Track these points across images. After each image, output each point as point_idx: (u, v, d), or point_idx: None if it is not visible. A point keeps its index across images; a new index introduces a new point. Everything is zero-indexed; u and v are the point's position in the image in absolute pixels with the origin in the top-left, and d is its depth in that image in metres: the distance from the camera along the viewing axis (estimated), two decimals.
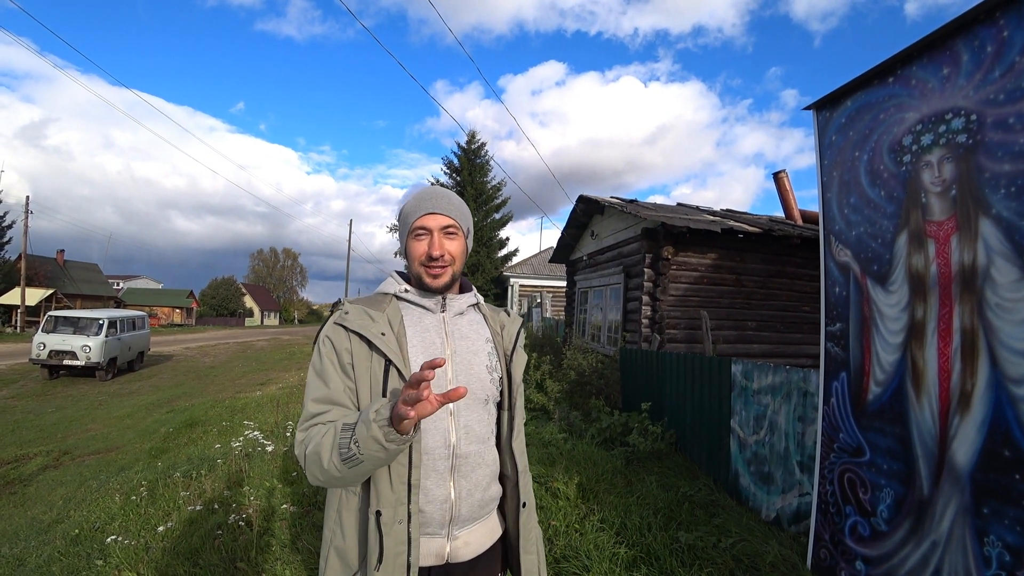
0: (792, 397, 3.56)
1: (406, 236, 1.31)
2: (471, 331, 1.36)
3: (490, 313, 1.45)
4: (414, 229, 1.29)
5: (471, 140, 28.93)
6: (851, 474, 2.69)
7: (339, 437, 1.07)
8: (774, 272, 8.65)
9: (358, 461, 1.05)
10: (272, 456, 4.78)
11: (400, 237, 1.35)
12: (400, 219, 1.35)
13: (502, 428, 1.38)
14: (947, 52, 2.30)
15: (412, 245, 1.30)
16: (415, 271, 1.31)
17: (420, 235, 1.29)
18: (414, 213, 1.30)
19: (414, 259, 1.30)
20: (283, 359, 20.11)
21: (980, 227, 2.13)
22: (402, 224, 1.33)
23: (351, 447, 1.05)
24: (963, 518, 2.13)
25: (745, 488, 3.99)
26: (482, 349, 1.35)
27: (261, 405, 9.06)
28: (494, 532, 1.36)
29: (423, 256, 1.28)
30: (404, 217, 1.33)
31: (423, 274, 1.29)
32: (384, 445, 1.02)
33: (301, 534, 3.29)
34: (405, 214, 1.32)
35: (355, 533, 1.19)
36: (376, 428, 1.02)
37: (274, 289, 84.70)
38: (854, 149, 2.79)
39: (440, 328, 1.31)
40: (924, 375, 2.33)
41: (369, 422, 1.03)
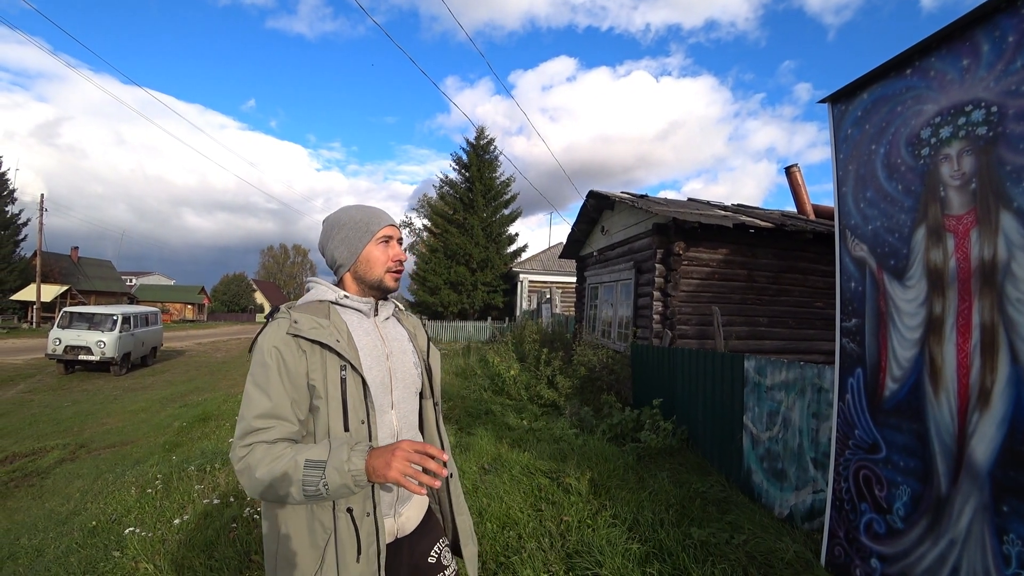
0: (806, 393, 3.53)
1: (367, 242, 1.40)
2: (396, 333, 1.50)
3: (403, 316, 1.60)
4: (380, 236, 1.41)
5: (480, 136, 28.90)
6: (867, 471, 2.66)
7: (304, 474, 1.14)
8: (786, 267, 8.58)
9: (322, 497, 1.15)
10: None
11: (352, 244, 1.40)
12: (353, 227, 1.41)
13: (426, 414, 1.54)
14: (966, 43, 2.26)
15: (377, 252, 1.40)
16: (376, 275, 1.41)
17: (385, 242, 1.42)
18: (376, 222, 1.41)
19: (378, 263, 1.40)
20: None
21: (1001, 221, 2.10)
22: (360, 232, 1.40)
23: (319, 488, 1.14)
24: (982, 516, 2.11)
25: (758, 485, 3.97)
26: (408, 348, 1.50)
27: None
28: (423, 505, 1.52)
29: (391, 261, 1.41)
30: (363, 225, 1.41)
31: (387, 279, 1.42)
32: (352, 489, 1.15)
33: None
34: (364, 222, 1.41)
35: (306, 539, 1.24)
36: (350, 478, 1.13)
37: (284, 285, 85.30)
38: (871, 142, 2.75)
39: (375, 331, 1.43)
40: (942, 371, 2.30)
41: (344, 472, 1.13)
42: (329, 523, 1.24)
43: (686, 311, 7.98)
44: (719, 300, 8.04)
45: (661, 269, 8.03)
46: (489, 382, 8.70)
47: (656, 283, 8.02)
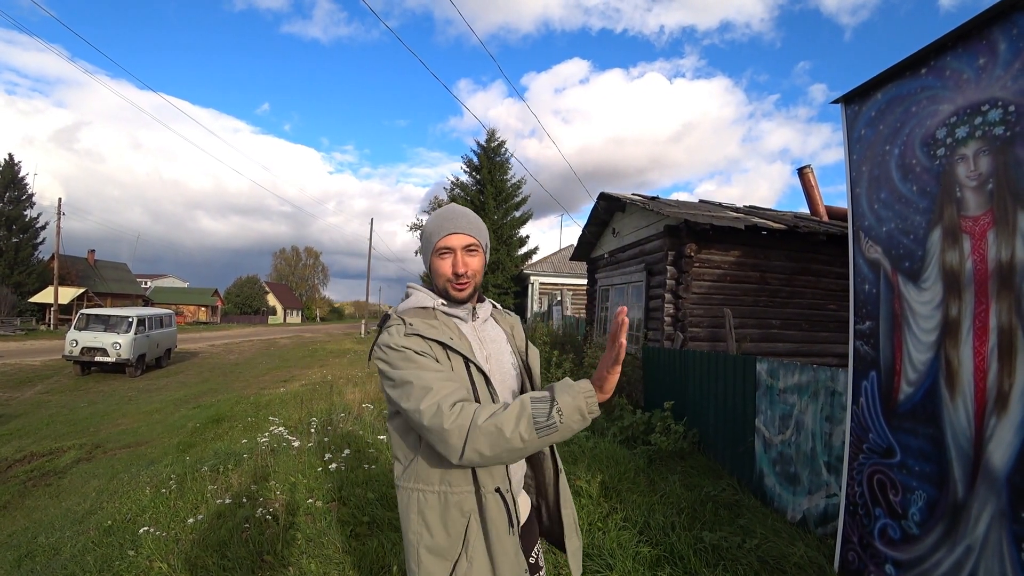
0: (819, 396, 3.50)
1: (430, 255, 1.42)
2: (495, 334, 1.52)
3: (500, 316, 1.62)
4: (438, 249, 1.40)
5: (491, 138, 28.92)
6: (881, 475, 2.63)
7: (532, 408, 1.14)
8: (799, 269, 8.50)
9: (553, 430, 1.14)
10: (298, 452, 4.84)
11: (424, 255, 1.46)
12: (423, 238, 1.45)
13: None
14: (983, 41, 2.23)
15: (437, 263, 1.41)
16: (441, 286, 1.43)
17: (444, 254, 1.40)
18: (437, 233, 1.40)
19: (440, 276, 1.41)
20: (305, 356, 20.39)
21: (1018, 222, 2.06)
22: (425, 243, 1.44)
23: (552, 416, 1.13)
24: (1000, 523, 2.07)
25: (770, 489, 3.93)
26: (506, 348, 1.51)
27: (285, 401, 9.19)
28: (528, 501, 1.57)
29: (449, 274, 1.40)
30: (427, 237, 1.43)
31: (449, 289, 1.41)
32: (585, 416, 1.15)
33: (327, 528, 3.33)
34: (428, 234, 1.43)
35: (442, 527, 1.28)
36: (582, 399, 1.15)
37: (296, 287, 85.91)
38: (885, 143, 2.72)
39: (474, 335, 1.45)
40: (959, 375, 2.27)
41: (576, 393, 1.15)
42: (468, 507, 1.29)
43: (698, 313, 7.93)
44: (731, 302, 7.98)
45: (672, 271, 7.99)
46: None
47: (667, 285, 7.98)
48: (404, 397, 1.23)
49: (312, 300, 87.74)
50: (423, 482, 1.31)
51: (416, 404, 1.20)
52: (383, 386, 1.32)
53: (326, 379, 11.68)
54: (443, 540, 1.28)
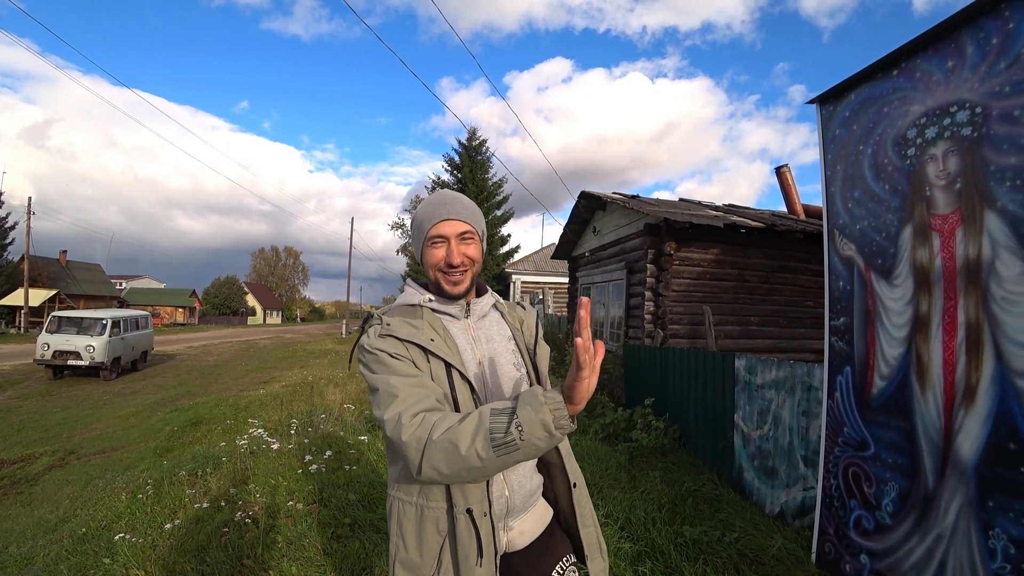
0: (796, 391, 3.56)
1: (422, 244, 1.30)
2: (494, 332, 1.38)
3: (507, 310, 1.47)
4: (430, 237, 1.28)
5: (472, 137, 28.88)
6: (855, 468, 2.69)
7: (489, 422, 1.00)
8: (777, 267, 8.63)
9: (513, 448, 0.98)
10: (277, 454, 4.79)
11: (415, 244, 1.34)
12: (414, 226, 1.33)
13: None
14: (952, 44, 2.29)
15: (429, 253, 1.29)
16: (433, 279, 1.31)
17: (437, 243, 1.28)
18: (429, 220, 1.28)
19: (431, 267, 1.29)
20: (286, 357, 20.16)
21: (985, 220, 2.12)
22: (416, 231, 1.32)
23: (510, 431, 0.98)
24: (968, 511, 2.13)
25: (749, 483, 3.99)
26: (506, 348, 1.37)
27: (265, 403, 9.08)
28: (544, 517, 1.40)
29: (441, 263, 1.27)
30: (418, 225, 1.31)
31: (442, 281, 1.29)
32: (552, 432, 0.98)
33: (307, 531, 3.30)
34: (419, 222, 1.31)
35: (416, 543, 1.20)
36: (547, 412, 0.97)
37: (276, 287, 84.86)
38: (858, 143, 2.78)
39: (467, 334, 1.33)
40: (929, 369, 2.33)
41: (539, 405, 0.98)
42: (444, 526, 1.18)
43: (677, 311, 8.01)
44: (710, 300, 8.08)
45: (652, 269, 8.06)
46: None
47: (647, 283, 8.05)
48: (375, 403, 1.16)
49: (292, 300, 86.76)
50: (404, 492, 1.24)
51: (381, 412, 1.12)
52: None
53: (306, 380, 11.57)
54: (416, 556, 1.19)
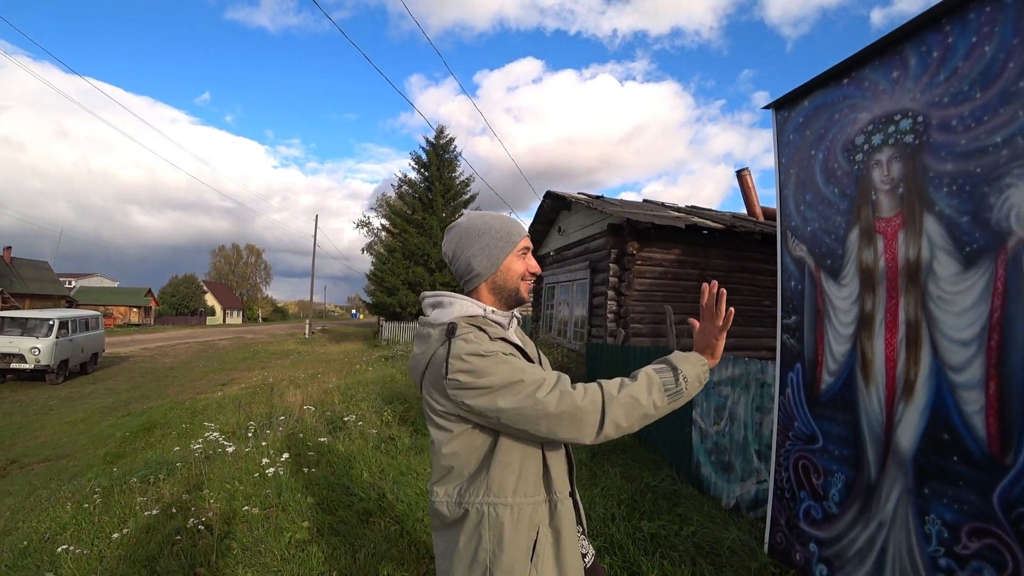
0: (751, 388, 3.67)
1: (508, 253, 1.37)
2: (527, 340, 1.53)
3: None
4: (521, 247, 1.39)
5: (440, 135, 28.72)
6: (805, 461, 2.79)
7: (660, 378, 1.24)
8: (736, 267, 8.85)
9: (679, 396, 1.24)
10: (234, 458, 4.67)
11: (493, 254, 1.37)
12: (495, 234, 1.38)
13: None
14: (897, 56, 2.39)
15: (516, 262, 1.39)
16: (513, 285, 1.39)
17: (524, 253, 1.40)
18: (519, 232, 1.40)
19: (517, 274, 1.39)
20: (246, 359, 19.69)
21: (924, 223, 2.23)
22: (503, 241, 1.37)
23: (679, 383, 1.24)
24: (907, 499, 2.24)
25: (706, 477, 4.09)
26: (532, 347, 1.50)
27: (223, 406, 8.84)
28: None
29: (526, 272, 1.40)
30: (504, 234, 1.38)
31: (523, 289, 1.41)
32: (702, 381, 1.28)
33: (264, 536, 3.23)
34: (506, 232, 1.38)
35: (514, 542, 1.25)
36: (701, 367, 1.28)
37: (237, 287, 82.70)
38: (810, 148, 2.88)
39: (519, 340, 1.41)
40: (872, 365, 2.43)
41: (696, 361, 1.28)
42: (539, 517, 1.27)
43: (639, 310, 8.15)
44: (671, 299, 8.24)
45: (615, 269, 8.17)
46: None
47: (611, 282, 8.15)
48: (509, 396, 1.18)
49: (254, 300, 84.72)
50: (495, 495, 1.24)
51: (533, 397, 1.17)
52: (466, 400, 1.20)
53: (267, 382, 11.32)
54: (515, 555, 1.23)
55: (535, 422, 1.18)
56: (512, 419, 1.18)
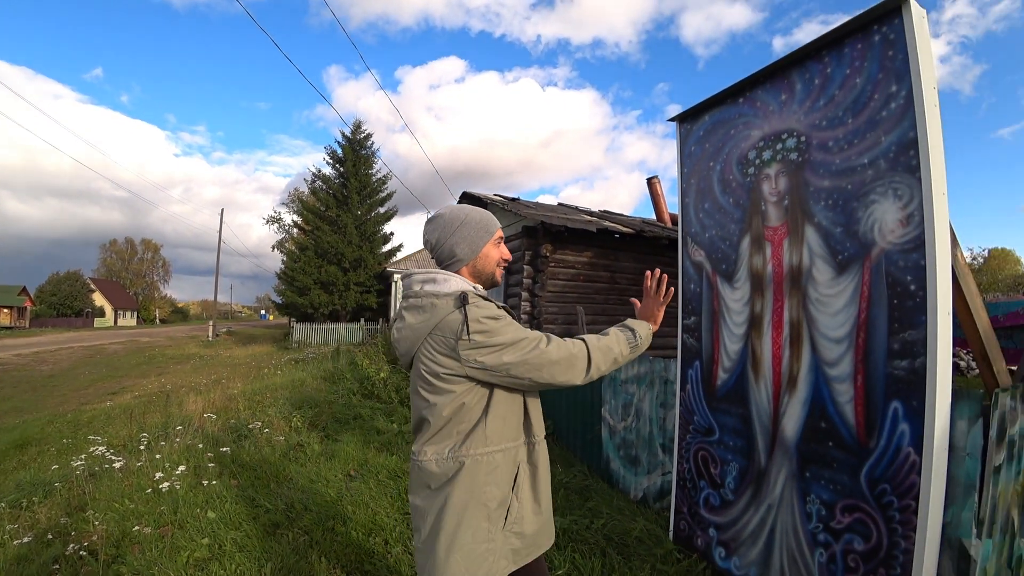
0: (655, 385, 3.87)
1: (487, 241, 1.58)
2: None
3: None
4: (497, 236, 1.62)
5: (356, 130, 28.01)
6: (704, 452, 2.99)
7: (623, 335, 1.60)
8: (645, 270, 9.27)
9: (638, 349, 1.61)
10: (123, 473, 4.30)
11: (474, 242, 1.57)
12: (475, 224, 1.57)
13: None
14: (785, 80, 2.62)
15: (494, 250, 1.61)
16: (490, 271, 1.61)
17: (499, 242, 1.63)
18: (495, 224, 1.62)
19: (493, 261, 1.61)
20: (141, 364, 18.21)
21: (805, 233, 2.46)
22: (480, 230, 1.57)
23: (637, 338, 1.61)
24: (791, 483, 2.46)
25: (616, 472, 4.27)
26: None
27: (112, 417, 8.13)
28: None
29: (500, 260, 1.63)
30: (484, 225, 1.58)
31: (498, 274, 1.64)
32: (649, 340, 1.67)
33: (158, 558, 3.00)
34: (484, 223, 1.59)
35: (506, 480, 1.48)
36: (647, 330, 1.67)
37: (131, 285, 76.15)
38: (709, 159, 3.09)
39: None
40: (761, 361, 2.65)
41: (643, 325, 1.66)
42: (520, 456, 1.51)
43: (552, 311, 8.35)
44: (584, 300, 8.51)
45: (529, 270, 8.32)
46: (359, 385, 8.44)
47: (524, 284, 8.30)
48: (519, 351, 1.41)
49: (150, 299, 78.37)
50: (491, 444, 1.45)
51: (537, 349, 1.42)
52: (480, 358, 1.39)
53: (164, 389, 10.54)
54: (505, 491, 1.46)
55: (539, 369, 1.42)
56: (520, 370, 1.41)
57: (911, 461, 2.00)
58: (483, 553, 1.41)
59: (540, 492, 1.56)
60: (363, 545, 3.15)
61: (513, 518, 1.47)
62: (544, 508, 1.57)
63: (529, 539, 1.51)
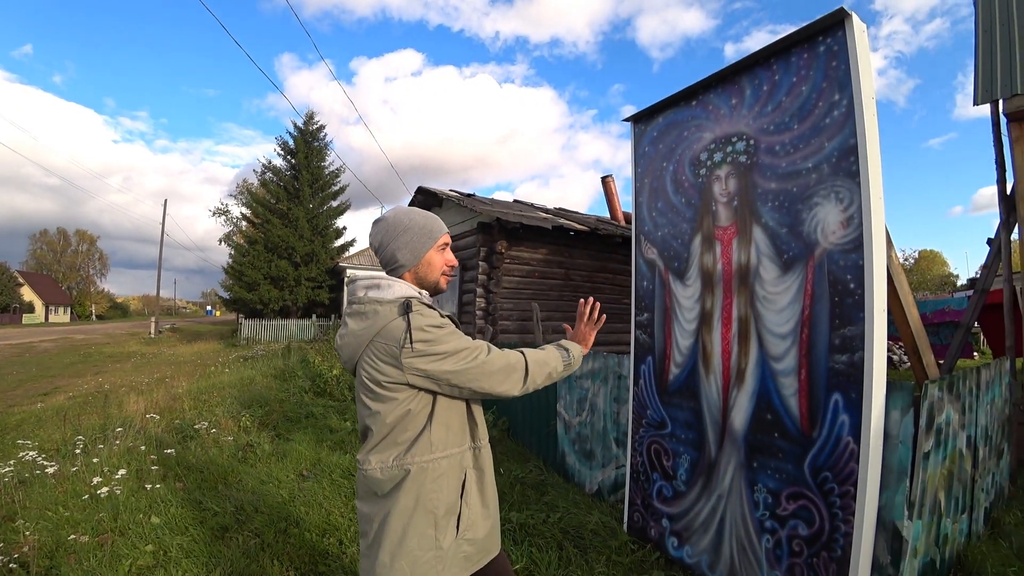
0: (609, 380, 3.95)
1: (430, 247, 1.55)
2: None
3: None
4: (441, 243, 1.57)
5: (309, 121, 27.27)
6: (657, 445, 3.07)
7: (558, 353, 1.63)
8: (599, 267, 9.43)
9: (569, 368, 1.64)
10: (57, 479, 4.06)
11: (416, 248, 1.53)
12: (418, 230, 1.54)
13: None
14: (735, 86, 2.71)
15: (437, 256, 1.57)
16: (434, 278, 1.58)
17: (443, 248, 1.59)
18: (440, 229, 1.58)
19: (437, 268, 1.57)
20: (76, 362, 17.23)
21: (753, 233, 2.56)
22: (423, 236, 1.54)
23: (569, 359, 1.64)
24: (740, 473, 2.57)
25: (571, 466, 4.34)
26: None
27: (43, 419, 7.63)
28: None
29: (446, 266, 1.60)
30: (427, 231, 1.55)
31: (442, 282, 1.61)
32: (579, 361, 1.70)
33: (97, 567, 2.85)
34: (428, 229, 1.55)
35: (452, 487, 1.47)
36: (579, 351, 1.70)
37: (64, 279, 71.81)
38: (663, 160, 3.16)
39: None
40: (711, 356, 2.75)
41: (575, 346, 1.69)
42: (467, 461, 1.51)
43: (507, 307, 8.39)
44: (539, 297, 8.58)
45: (484, 267, 8.33)
46: (311, 383, 8.25)
47: (479, 280, 8.30)
48: (461, 360, 1.41)
49: (86, 294, 74.07)
50: (437, 451, 1.44)
51: (478, 359, 1.43)
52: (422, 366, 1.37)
53: (102, 389, 10.02)
54: (453, 497, 1.45)
55: (479, 379, 1.43)
56: (461, 379, 1.41)
57: (850, 450, 2.12)
58: (430, 560, 1.40)
59: (487, 496, 1.55)
60: (317, 546, 3.09)
61: (465, 525, 1.46)
62: (492, 512, 1.57)
63: (480, 544, 1.51)
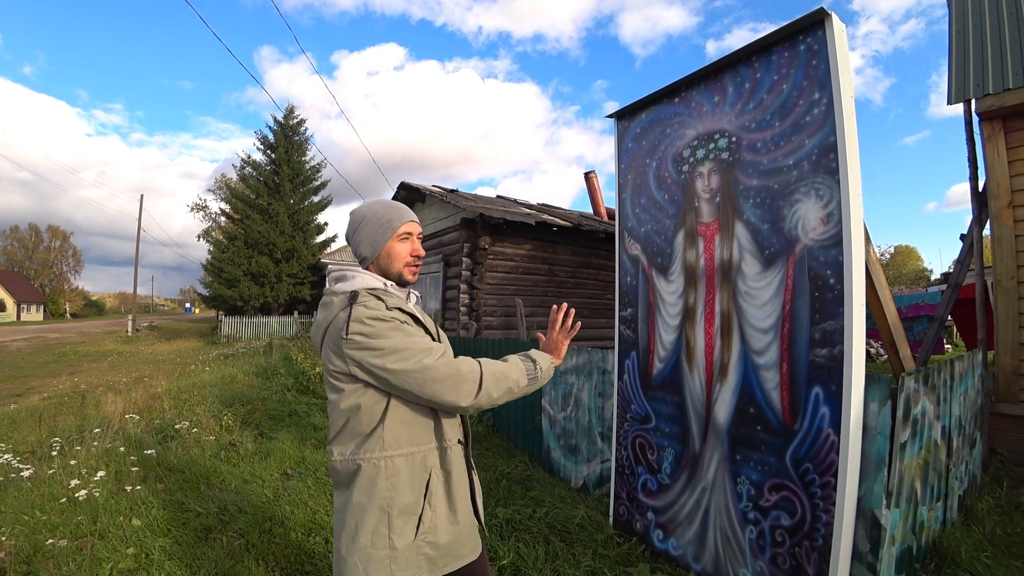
0: (593, 376, 3.98)
1: (389, 238, 1.51)
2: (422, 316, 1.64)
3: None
4: (401, 233, 1.52)
5: (289, 115, 26.91)
6: (641, 439, 3.11)
7: (523, 365, 1.51)
8: (582, 263, 9.47)
9: (536, 382, 1.52)
10: (33, 482, 3.97)
11: (374, 240, 1.51)
12: (376, 222, 1.52)
13: None
14: (718, 83, 2.74)
15: (397, 247, 1.52)
16: (397, 270, 1.53)
17: (405, 238, 1.53)
18: (399, 219, 1.52)
19: (398, 258, 1.52)
20: (49, 363, 16.85)
21: (735, 229, 2.59)
22: (381, 227, 1.51)
23: (536, 371, 1.52)
24: (723, 465, 2.60)
25: (556, 461, 4.37)
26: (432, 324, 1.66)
27: (17, 421, 7.46)
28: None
29: (409, 257, 1.53)
30: (385, 221, 1.51)
31: (406, 272, 1.54)
32: (550, 374, 1.58)
33: (76, 572, 2.80)
34: (386, 219, 1.51)
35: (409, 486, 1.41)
36: (549, 363, 1.59)
37: (36, 276, 70.05)
38: (646, 156, 3.18)
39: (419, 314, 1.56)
40: (695, 351, 2.78)
41: (545, 358, 1.58)
42: (432, 461, 1.44)
43: (491, 303, 8.39)
44: (522, 292, 8.59)
45: (468, 263, 8.32)
46: (294, 380, 8.18)
47: (463, 276, 8.29)
48: (401, 360, 1.33)
49: (59, 292, 72.31)
50: (391, 448, 1.39)
51: (420, 362, 1.33)
52: (360, 359, 1.33)
53: (78, 389, 9.82)
54: (409, 497, 1.39)
55: (420, 385, 1.34)
56: (401, 380, 1.34)
57: (831, 441, 2.16)
58: (382, 559, 1.36)
59: (456, 500, 1.48)
60: (303, 545, 3.07)
61: (426, 527, 1.40)
62: (462, 518, 1.49)
63: (445, 548, 1.43)
